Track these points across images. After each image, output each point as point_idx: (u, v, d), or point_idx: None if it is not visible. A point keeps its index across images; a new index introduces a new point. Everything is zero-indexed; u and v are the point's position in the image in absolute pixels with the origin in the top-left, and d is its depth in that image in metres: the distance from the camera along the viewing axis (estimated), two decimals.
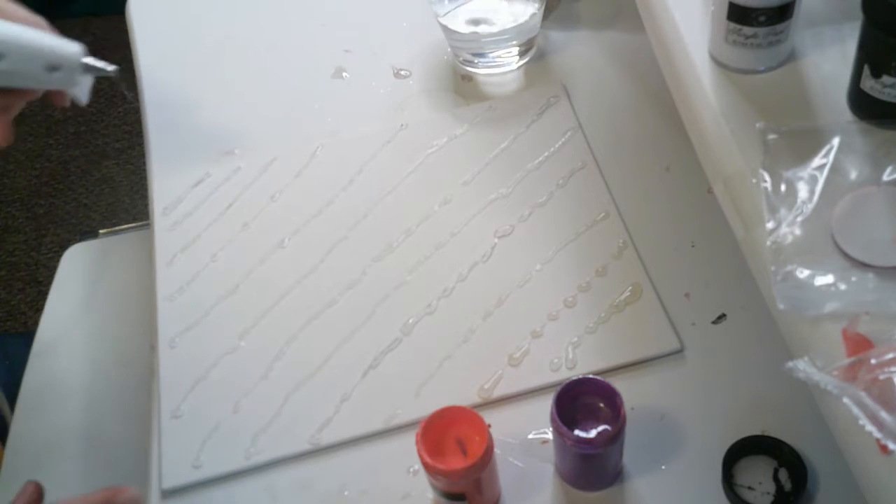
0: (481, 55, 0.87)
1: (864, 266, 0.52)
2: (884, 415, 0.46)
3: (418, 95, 0.88)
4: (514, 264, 0.73)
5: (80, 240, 1.20)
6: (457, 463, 0.56)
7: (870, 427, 0.46)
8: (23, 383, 0.99)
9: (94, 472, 0.68)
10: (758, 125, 0.59)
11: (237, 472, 0.65)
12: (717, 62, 0.64)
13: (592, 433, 0.58)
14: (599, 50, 0.91)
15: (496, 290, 0.72)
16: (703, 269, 0.72)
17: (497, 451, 0.58)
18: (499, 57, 0.87)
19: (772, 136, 0.58)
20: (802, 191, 0.56)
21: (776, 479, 0.60)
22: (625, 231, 0.75)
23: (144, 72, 0.95)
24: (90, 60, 0.72)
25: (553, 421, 0.57)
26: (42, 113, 2.14)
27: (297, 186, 0.82)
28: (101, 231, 1.30)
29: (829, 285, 0.52)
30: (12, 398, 0.98)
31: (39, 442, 0.95)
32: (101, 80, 0.73)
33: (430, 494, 0.62)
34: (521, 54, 0.88)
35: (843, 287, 0.52)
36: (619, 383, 0.59)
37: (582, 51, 0.91)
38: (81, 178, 2.02)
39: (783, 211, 0.55)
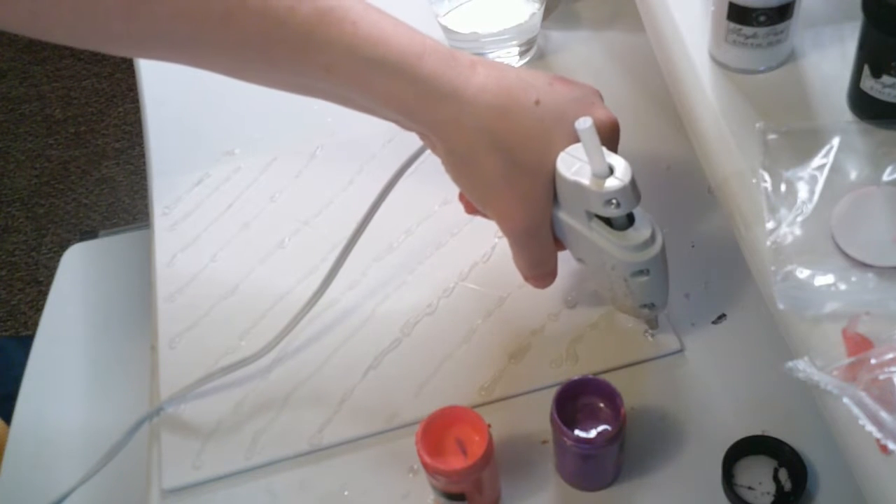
0: (481, 55, 0.87)
1: (864, 266, 0.52)
2: (884, 415, 0.46)
3: None
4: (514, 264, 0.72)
5: (80, 240, 1.20)
6: (457, 463, 0.56)
7: (870, 427, 0.46)
8: (23, 383, 1.00)
9: (96, 473, 0.68)
10: (758, 125, 0.59)
11: (237, 472, 0.65)
12: (717, 62, 0.64)
13: (592, 433, 0.58)
14: (599, 50, 0.91)
15: (496, 290, 0.72)
16: (703, 270, 0.72)
17: (497, 451, 0.58)
18: (499, 57, 0.87)
19: (772, 136, 0.58)
20: (802, 191, 0.56)
21: (776, 479, 0.60)
22: None
23: (144, 71, 0.95)
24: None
25: (553, 421, 0.57)
26: (42, 113, 2.14)
27: (297, 186, 0.82)
28: (101, 231, 1.30)
29: (829, 285, 0.52)
30: (12, 400, 0.98)
31: (39, 442, 0.95)
32: (101, 79, 0.72)
33: (430, 495, 0.62)
34: (521, 54, 0.88)
35: (843, 287, 0.52)
36: (619, 383, 0.59)
37: (582, 51, 0.91)
38: (81, 178, 2.03)
39: (783, 211, 0.55)
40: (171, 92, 0.92)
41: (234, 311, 0.74)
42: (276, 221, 0.80)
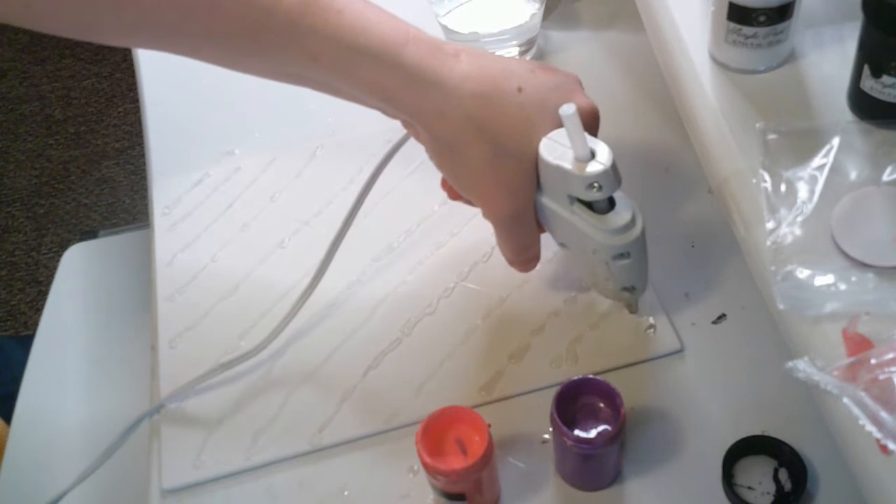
0: None
1: (864, 266, 0.52)
2: (884, 415, 0.46)
3: None
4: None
5: (80, 240, 1.20)
6: (457, 463, 0.56)
7: (870, 427, 0.46)
8: (23, 383, 1.00)
9: (95, 471, 0.68)
10: (758, 125, 0.59)
11: (237, 472, 0.65)
12: (717, 62, 0.64)
13: (592, 433, 0.58)
14: (599, 50, 0.91)
15: (496, 290, 0.72)
16: (703, 269, 0.72)
17: (497, 451, 0.58)
18: None
19: (772, 136, 0.59)
20: (802, 191, 0.56)
21: (776, 479, 0.60)
22: None
23: (144, 71, 0.95)
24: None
25: (553, 421, 0.57)
26: (42, 113, 2.14)
27: (297, 186, 0.82)
28: (101, 231, 1.30)
29: (829, 285, 0.52)
30: (12, 400, 0.98)
31: (40, 441, 0.95)
32: (101, 79, 0.71)
33: (430, 495, 0.62)
34: (521, 54, 0.88)
35: (843, 287, 0.52)
36: (619, 383, 0.59)
37: (582, 51, 0.91)
38: (81, 178, 2.03)
39: (783, 211, 0.55)
40: (171, 92, 0.92)
41: (234, 310, 0.74)
42: (275, 221, 0.80)
